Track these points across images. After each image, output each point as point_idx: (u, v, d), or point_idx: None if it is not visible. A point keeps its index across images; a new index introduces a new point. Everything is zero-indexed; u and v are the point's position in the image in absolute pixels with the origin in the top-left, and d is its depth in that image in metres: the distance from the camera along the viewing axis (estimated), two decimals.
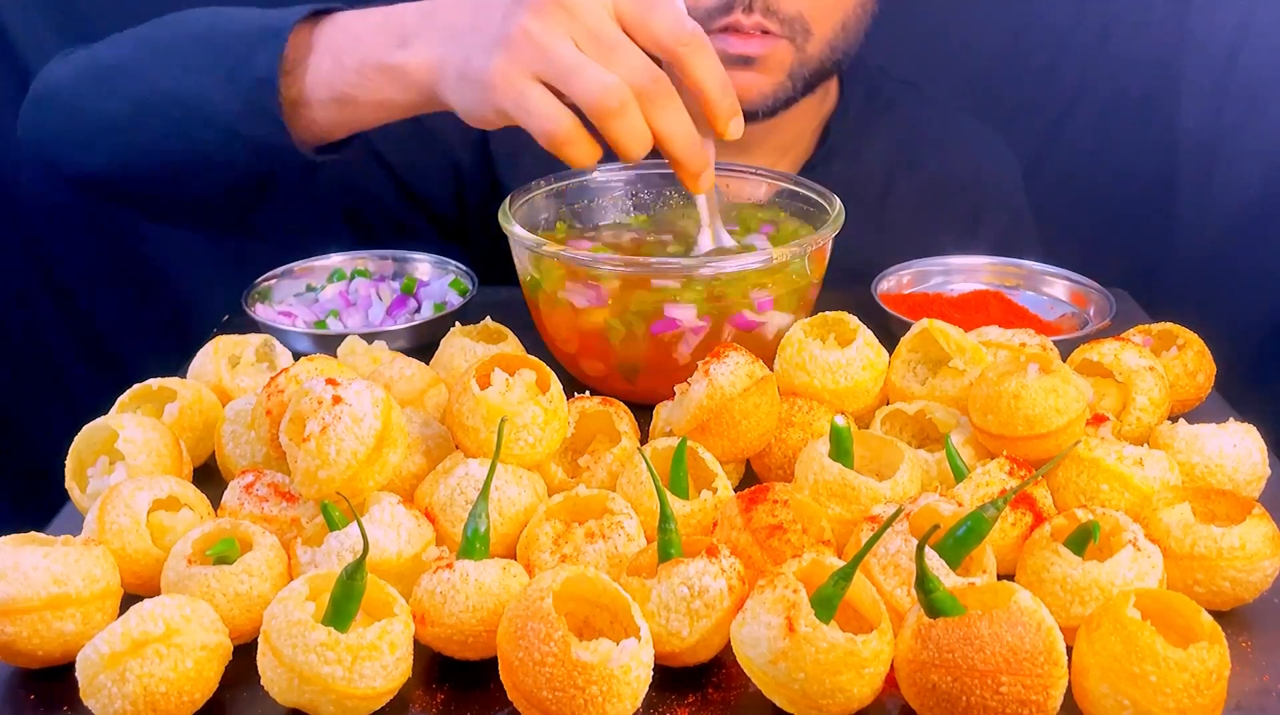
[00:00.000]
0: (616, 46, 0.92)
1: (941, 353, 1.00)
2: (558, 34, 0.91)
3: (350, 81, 1.05)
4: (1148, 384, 0.96)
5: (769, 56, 1.31)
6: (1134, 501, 0.85)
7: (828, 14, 1.32)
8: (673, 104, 0.94)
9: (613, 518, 0.81)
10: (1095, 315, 1.24)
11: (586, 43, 0.92)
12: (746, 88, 1.32)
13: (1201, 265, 1.86)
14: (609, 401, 0.96)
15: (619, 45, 0.92)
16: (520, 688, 0.68)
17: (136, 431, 0.89)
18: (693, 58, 0.94)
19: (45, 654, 0.74)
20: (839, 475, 0.85)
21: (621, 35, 0.93)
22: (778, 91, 1.33)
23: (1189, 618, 0.69)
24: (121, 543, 0.80)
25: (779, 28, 1.29)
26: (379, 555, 0.78)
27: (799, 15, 1.29)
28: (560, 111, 0.92)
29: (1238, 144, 1.82)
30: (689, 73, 0.95)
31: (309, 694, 0.69)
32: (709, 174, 1.00)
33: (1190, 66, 1.80)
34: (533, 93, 0.92)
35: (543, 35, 0.91)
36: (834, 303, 1.06)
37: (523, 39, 0.91)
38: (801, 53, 1.32)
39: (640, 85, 0.92)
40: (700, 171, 0.98)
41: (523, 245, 1.07)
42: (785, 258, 1.03)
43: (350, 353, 1.08)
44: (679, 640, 0.73)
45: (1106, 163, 1.86)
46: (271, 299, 1.30)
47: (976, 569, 0.76)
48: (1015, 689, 0.65)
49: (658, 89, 0.93)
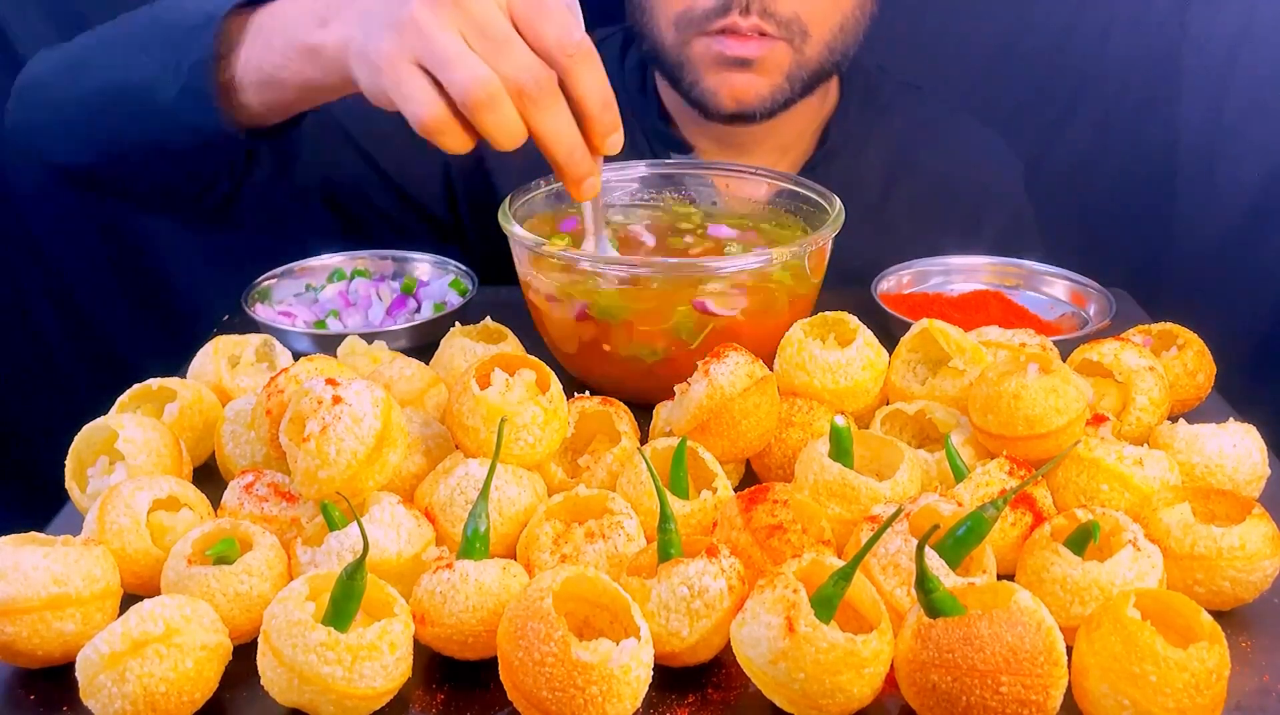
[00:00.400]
0: (503, 43, 0.92)
1: (941, 353, 1.00)
2: (444, 24, 0.91)
3: (275, 63, 1.06)
4: (1148, 384, 0.96)
5: (766, 58, 1.31)
6: (1134, 501, 0.85)
7: (825, 16, 1.32)
8: (554, 105, 0.94)
9: (613, 518, 0.81)
10: (1095, 315, 1.24)
11: (473, 36, 0.92)
12: (744, 89, 1.32)
13: (1201, 265, 1.86)
14: (609, 401, 0.96)
15: (506, 42, 0.92)
16: (520, 688, 0.68)
17: (136, 431, 0.89)
18: (577, 68, 0.94)
19: (45, 654, 0.74)
20: (839, 475, 0.85)
21: (511, 32, 0.93)
22: (775, 93, 1.34)
23: (1189, 618, 0.69)
24: (121, 543, 0.80)
25: (776, 29, 1.29)
26: (379, 555, 0.78)
27: (796, 17, 1.29)
28: (434, 100, 0.92)
29: (1238, 144, 1.82)
30: (571, 84, 0.94)
31: (309, 694, 0.69)
32: (592, 182, 0.99)
33: (1190, 66, 1.80)
34: (411, 78, 0.92)
35: (429, 23, 0.91)
36: (834, 303, 1.06)
37: (410, 25, 0.92)
38: (799, 54, 1.32)
39: (520, 83, 0.91)
40: (582, 178, 0.98)
41: (523, 245, 1.07)
42: (785, 257, 1.03)
43: (350, 353, 1.08)
44: (679, 640, 0.73)
45: (1106, 163, 1.86)
46: (271, 299, 1.30)
47: (976, 569, 0.76)
48: (1015, 689, 0.65)
49: (538, 90, 0.92)
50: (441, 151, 1.46)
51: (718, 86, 1.34)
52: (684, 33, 1.33)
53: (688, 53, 1.34)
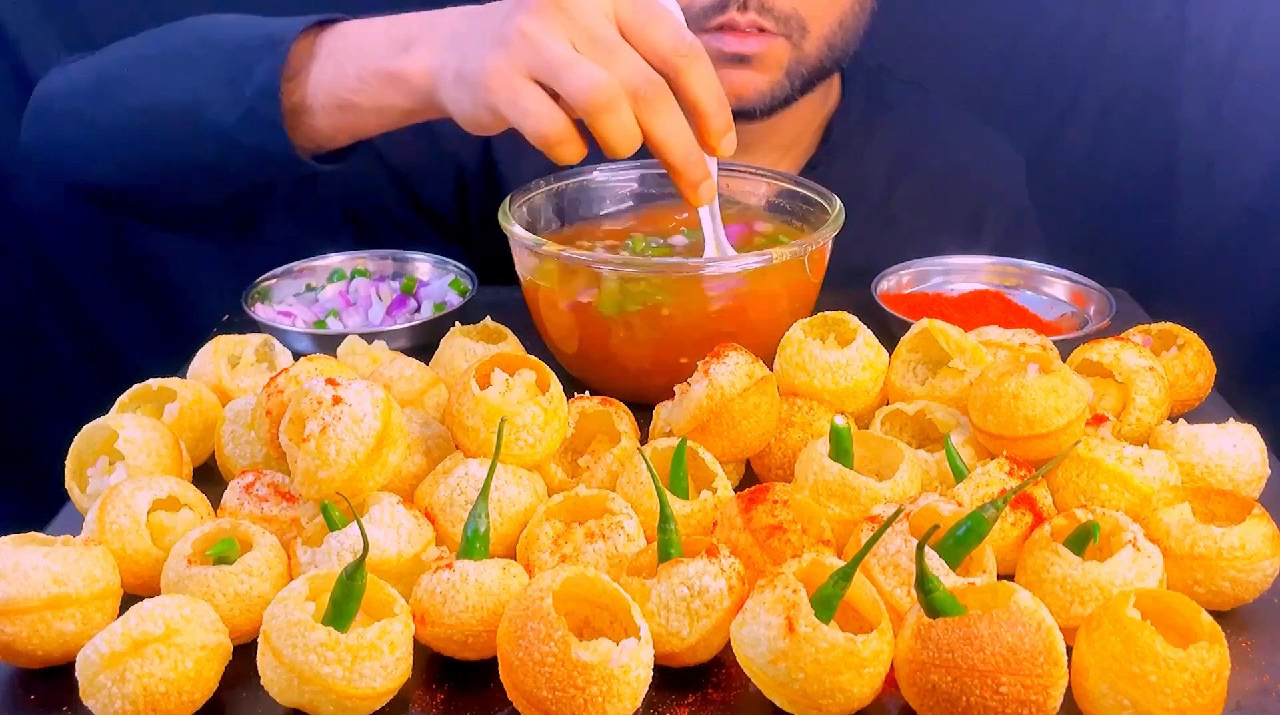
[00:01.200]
0: (614, 49, 0.92)
1: (941, 353, 1.00)
2: (554, 34, 0.91)
3: (351, 87, 1.05)
4: (1148, 384, 0.96)
5: (765, 54, 1.31)
6: (1134, 501, 0.85)
7: (824, 11, 1.32)
8: (669, 109, 0.94)
9: (613, 518, 0.81)
10: (1095, 315, 1.24)
11: (583, 44, 0.92)
12: (743, 86, 1.32)
13: (1201, 265, 1.86)
14: (609, 401, 0.96)
15: (616, 48, 0.92)
16: (520, 688, 0.68)
17: (136, 431, 0.89)
18: (690, 69, 0.94)
19: (45, 654, 0.74)
20: (839, 475, 0.85)
21: (619, 39, 0.93)
22: (775, 90, 1.33)
23: (1189, 618, 0.69)
24: (121, 543, 0.80)
25: (775, 25, 1.29)
26: (379, 555, 0.78)
27: (795, 13, 1.29)
28: (553, 110, 0.92)
29: (1238, 144, 1.82)
30: (685, 85, 0.94)
31: (309, 694, 0.69)
32: (709, 185, 0.99)
33: (1190, 66, 1.80)
34: (527, 91, 0.92)
35: (539, 34, 0.91)
36: (834, 303, 1.06)
37: (518, 38, 0.91)
38: (799, 50, 1.32)
39: (635, 87, 0.91)
40: (698, 182, 0.98)
41: (523, 245, 1.07)
42: (785, 257, 1.03)
43: (350, 353, 1.08)
44: (679, 640, 0.73)
45: (1106, 163, 1.86)
46: (271, 299, 1.30)
47: (976, 569, 0.76)
48: (1015, 689, 0.65)
49: (653, 92, 0.92)
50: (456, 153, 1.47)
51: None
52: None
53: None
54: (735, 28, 1.28)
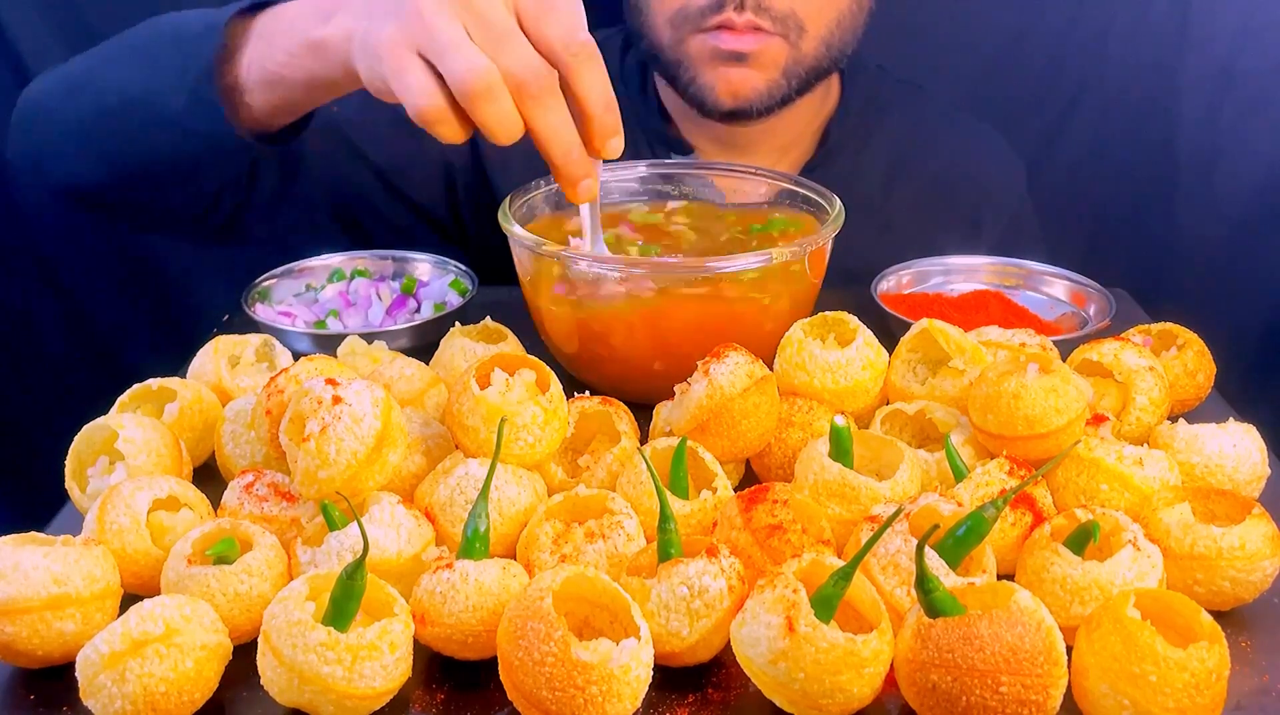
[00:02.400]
0: (505, 37, 0.91)
1: (941, 353, 1.00)
2: (447, 14, 0.91)
3: (279, 61, 1.07)
4: (1148, 384, 0.96)
5: (762, 53, 1.31)
6: (1134, 501, 0.85)
7: (821, 11, 1.32)
8: (553, 103, 0.93)
9: (613, 518, 0.81)
10: (1095, 315, 1.24)
11: (476, 29, 0.91)
12: (740, 84, 1.32)
13: (1201, 265, 1.86)
14: (609, 401, 0.96)
15: (507, 36, 0.91)
16: (520, 688, 0.68)
17: (136, 431, 0.89)
18: (580, 67, 0.93)
19: (45, 654, 0.74)
20: (839, 475, 0.85)
21: (514, 27, 0.92)
22: (772, 89, 1.34)
23: (1189, 618, 0.69)
24: (121, 543, 0.80)
25: (771, 25, 1.29)
26: (379, 555, 0.78)
27: (792, 13, 1.29)
28: (431, 88, 0.91)
29: (1238, 144, 1.82)
30: (573, 83, 0.94)
31: (309, 694, 0.69)
32: (589, 184, 0.98)
33: (1190, 66, 1.80)
34: (410, 66, 0.92)
35: (432, 12, 0.91)
36: (834, 303, 1.06)
37: (413, 13, 0.91)
38: (796, 50, 1.32)
39: (518, 77, 0.91)
40: (578, 180, 0.97)
41: (523, 245, 1.07)
42: (785, 257, 1.03)
43: (350, 353, 1.08)
44: (679, 640, 0.73)
45: (1107, 163, 1.86)
46: (271, 299, 1.30)
47: (976, 569, 0.76)
48: (1015, 689, 0.65)
49: (538, 85, 0.91)
50: (443, 152, 1.47)
51: (714, 82, 1.34)
52: (680, 30, 1.34)
53: (684, 50, 1.34)
54: (732, 27, 1.29)
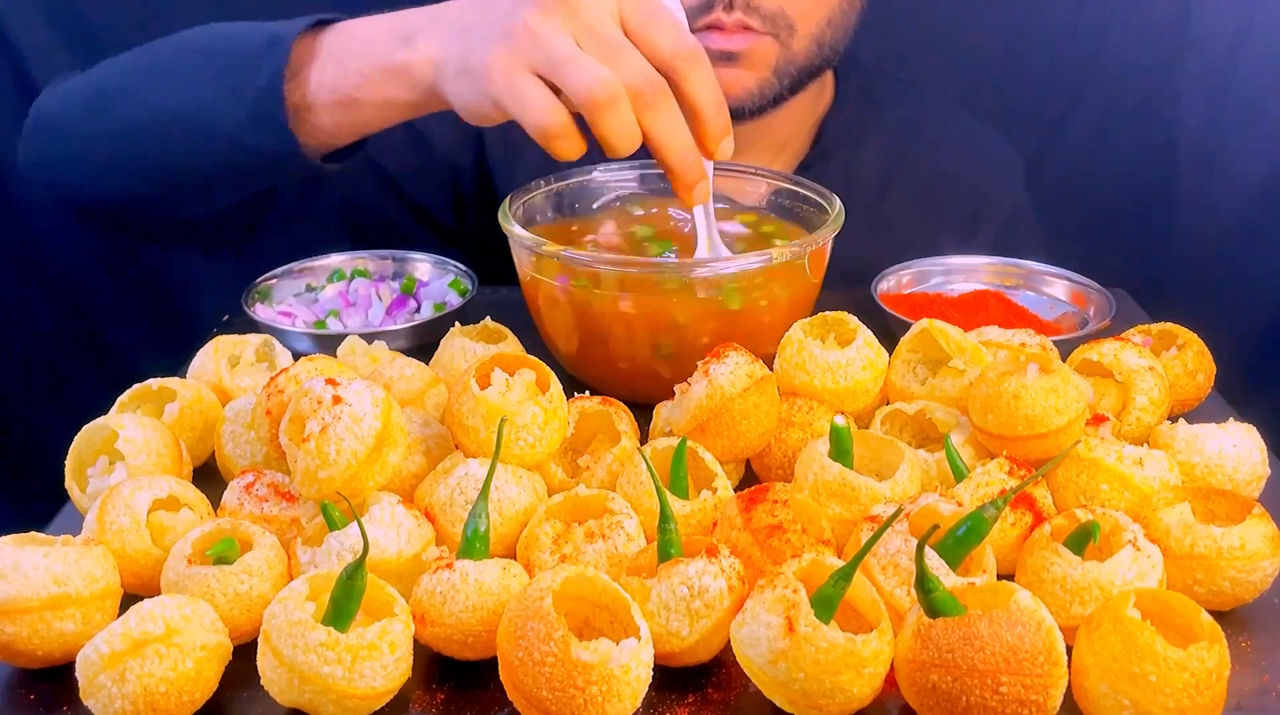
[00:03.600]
0: (617, 48, 0.92)
1: (941, 353, 1.00)
2: (557, 29, 0.91)
3: (354, 83, 1.05)
4: (1148, 384, 0.96)
5: (752, 52, 1.30)
6: (1134, 501, 0.85)
7: (812, 10, 1.32)
8: (669, 109, 0.94)
9: (613, 518, 0.81)
10: (1095, 315, 1.24)
11: (586, 40, 0.92)
12: (731, 83, 1.32)
13: (1201, 265, 1.86)
14: (609, 401, 0.96)
15: (619, 47, 0.92)
16: (520, 688, 0.68)
17: (136, 431, 0.89)
18: (691, 73, 0.94)
19: (45, 654, 0.74)
20: (839, 475, 0.85)
21: (623, 37, 0.93)
22: (764, 88, 1.33)
23: (1189, 618, 0.69)
24: (121, 543, 0.80)
25: (761, 24, 1.29)
26: (379, 555, 0.78)
27: (781, 11, 1.29)
28: (553, 104, 0.92)
29: (1238, 144, 1.82)
30: (685, 87, 0.95)
31: (309, 694, 0.69)
32: (704, 186, 0.99)
33: (1190, 66, 1.80)
34: (527, 84, 0.92)
35: (542, 29, 0.91)
36: (834, 303, 1.06)
37: (522, 32, 0.92)
38: (786, 49, 1.32)
39: (635, 86, 0.92)
40: (694, 183, 0.98)
41: (523, 245, 1.07)
42: (785, 257, 1.03)
43: (350, 353, 1.08)
44: (679, 640, 0.73)
45: (1106, 163, 1.86)
46: (271, 299, 1.30)
47: (976, 569, 0.76)
48: (1015, 689, 0.65)
49: (654, 92, 0.92)
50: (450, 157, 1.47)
51: None
52: None
53: None
54: (721, 27, 1.28)
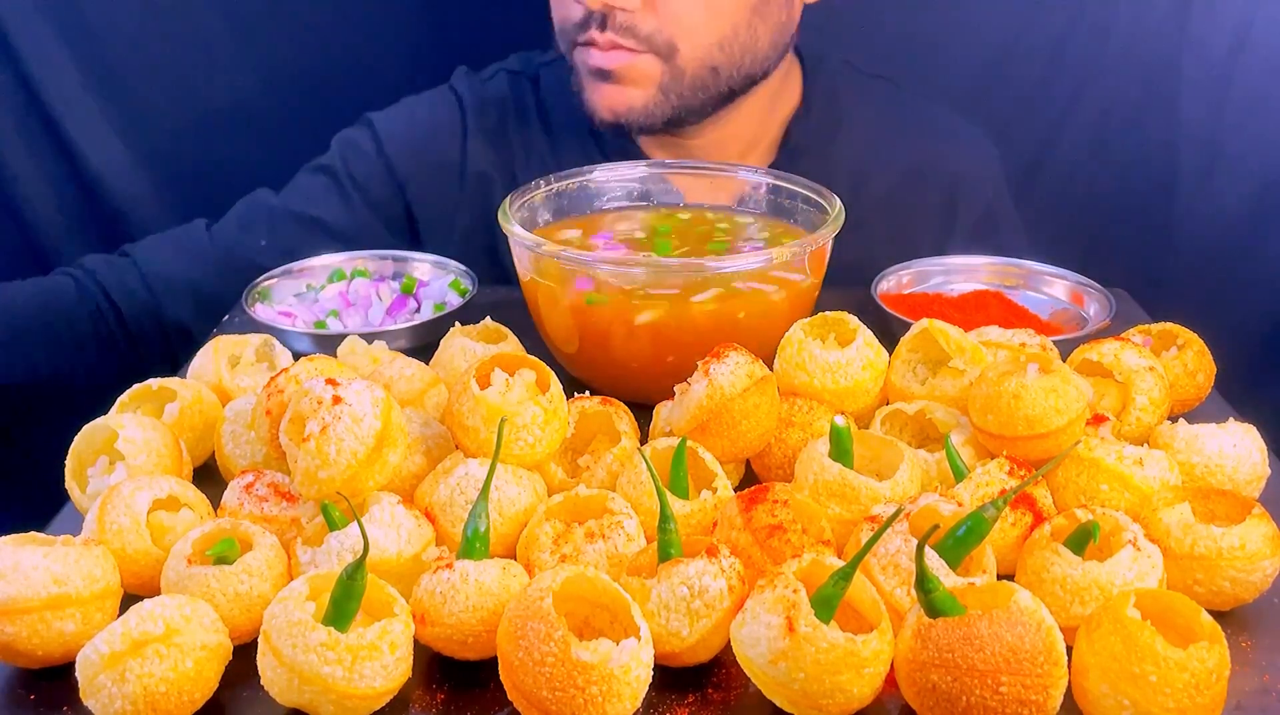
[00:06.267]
0: None
1: (941, 353, 1.00)
2: None
3: None
4: (1148, 384, 0.96)
5: (630, 70, 1.31)
6: (1134, 501, 0.85)
7: (694, 33, 1.30)
8: None
9: (613, 518, 0.81)
10: (1095, 315, 1.24)
11: None
12: (615, 99, 1.33)
13: (1201, 265, 1.86)
14: (609, 401, 0.96)
15: None
16: (520, 688, 0.68)
17: (136, 431, 0.89)
18: None
19: (45, 654, 0.74)
20: (839, 475, 0.85)
21: None
22: (649, 105, 1.33)
23: (1189, 618, 0.69)
24: (121, 543, 0.80)
25: (636, 43, 1.29)
26: (379, 555, 0.78)
27: (658, 31, 1.29)
28: None
29: (1238, 144, 1.82)
30: None
31: (309, 694, 0.69)
32: None
33: (1190, 66, 1.80)
34: None
35: None
36: (834, 303, 1.06)
37: None
38: (672, 67, 1.31)
39: None
40: None
41: (523, 245, 1.07)
42: (785, 257, 1.03)
43: (350, 353, 1.08)
44: (679, 640, 0.73)
45: (1106, 163, 1.86)
46: (271, 299, 1.30)
47: (976, 569, 0.76)
48: (1015, 689, 0.65)
49: None
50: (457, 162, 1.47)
51: (593, 96, 1.35)
52: (565, 45, 1.35)
53: (574, 64, 1.36)
54: (596, 44, 1.29)
